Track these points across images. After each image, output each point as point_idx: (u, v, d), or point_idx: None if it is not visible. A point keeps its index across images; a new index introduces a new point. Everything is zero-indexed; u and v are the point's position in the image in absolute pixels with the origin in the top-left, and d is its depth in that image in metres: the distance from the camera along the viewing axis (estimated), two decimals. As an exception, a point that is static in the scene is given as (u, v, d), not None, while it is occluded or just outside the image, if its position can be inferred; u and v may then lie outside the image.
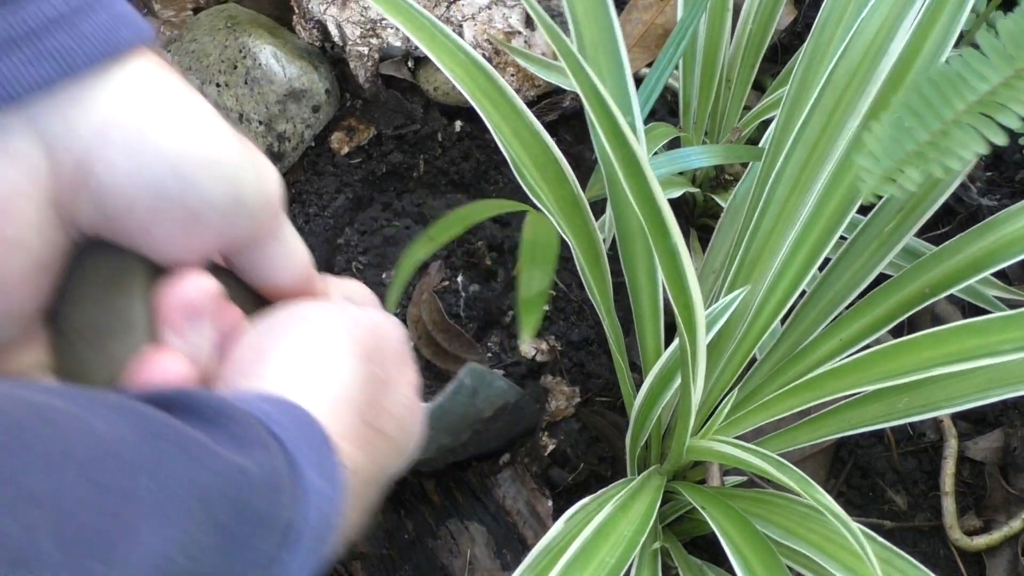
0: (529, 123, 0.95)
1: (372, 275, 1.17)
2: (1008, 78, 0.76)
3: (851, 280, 0.98)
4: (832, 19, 0.97)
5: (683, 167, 1.11)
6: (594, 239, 0.98)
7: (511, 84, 1.23)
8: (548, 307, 1.18)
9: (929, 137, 0.77)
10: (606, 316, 1.00)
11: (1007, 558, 1.14)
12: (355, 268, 1.17)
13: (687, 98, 1.24)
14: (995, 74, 0.76)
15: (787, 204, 0.95)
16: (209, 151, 0.48)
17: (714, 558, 1.06)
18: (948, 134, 0.76)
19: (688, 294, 0.80)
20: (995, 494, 1.17)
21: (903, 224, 0.97)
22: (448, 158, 1.25)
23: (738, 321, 0.97)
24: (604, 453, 1.13)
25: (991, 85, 0.76)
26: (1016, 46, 0.76)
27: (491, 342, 1.15)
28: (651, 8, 1.35)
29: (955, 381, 0.92)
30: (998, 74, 0.76)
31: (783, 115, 0.97)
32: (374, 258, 1.18)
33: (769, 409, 0.95)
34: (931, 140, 0.77)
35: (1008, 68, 0.76)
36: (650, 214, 0.79)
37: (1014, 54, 0.76)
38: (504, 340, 1.16)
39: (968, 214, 1.27)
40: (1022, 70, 0.76)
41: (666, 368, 0.93)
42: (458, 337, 1.11)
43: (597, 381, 1.16)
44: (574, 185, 0.96)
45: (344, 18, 1.21)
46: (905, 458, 1.20)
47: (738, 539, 0.85)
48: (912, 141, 0.77)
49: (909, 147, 0.77)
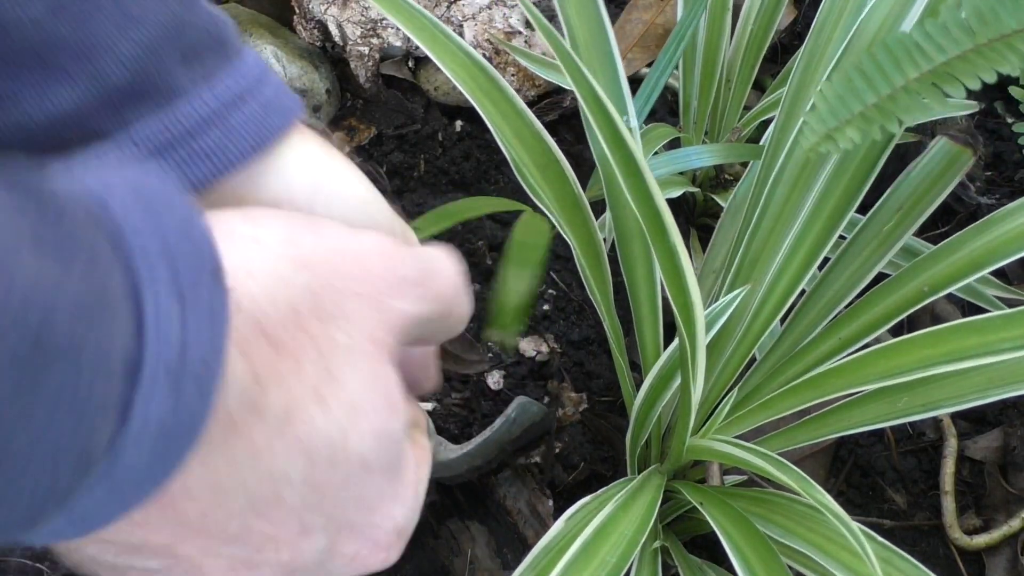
0: (529, 123, 0.95)
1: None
2: (966, 51, 0.76)
3: (850, 279, 0.98)
4: (830, 20, 0.97)
5: (683, 167, 1.11)
6: (595, 239, 0.98)
7: (511, 84, 1.23)
8: (549, 306, 1.18)
9: (876, 100, 0.77)
10: (606, 316, 1.00)
11: (1006, 557, 1.14)
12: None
13: (687, 98, 1.25)
14: (954, 47, 0.77)
15: (787, 204, 0.95)
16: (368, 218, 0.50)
17: (713, 557, 1.06)
18: (895, 99, 0.77)
19: (687, 294, 0.80)
20: (994, 493, 1.17)
21: (902, 223, 0.97)
22: (449, 158, 1.25)
23: (738, 320, 0.97)
24: (605, 453, 1.14)
25: (948, 57, 0.77)
26: (981, 23, 0.76)
27: (492, 342, 1.15)
28: (651, 8, 1.35)
29: (954, 380, 0.92)
30: (957, 47, 0.77)
31: (782, 115, 0.97)
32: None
33: (769, 408, 0.95)
34: (877, 103, 0.77)
35: (968, 42, 0.77)
36: (648, 213, 0.79)
37: (976, 29, 0.76)
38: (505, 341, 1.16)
39: (967, 213, 1.28)
40: (982, 45, 0.76)
41: (666, 368, 0.93)
42: (461, 337, 1.11)
43: (598, 381, 1.16)
44: (574, 185, 0.96)
45: (345, 18, 1.21)
46: (905, 457, 1.20)
47: (738, 538, 0.85)
48: (858, 102, 0.78)
49: (855, 108, 0.78)
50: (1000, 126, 1.34)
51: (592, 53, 0.99)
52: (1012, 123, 1.30)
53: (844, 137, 0.77)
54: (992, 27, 0.76)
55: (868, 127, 0.77)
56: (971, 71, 0.76)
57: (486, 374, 1.13)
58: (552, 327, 1.17)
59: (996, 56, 0.76)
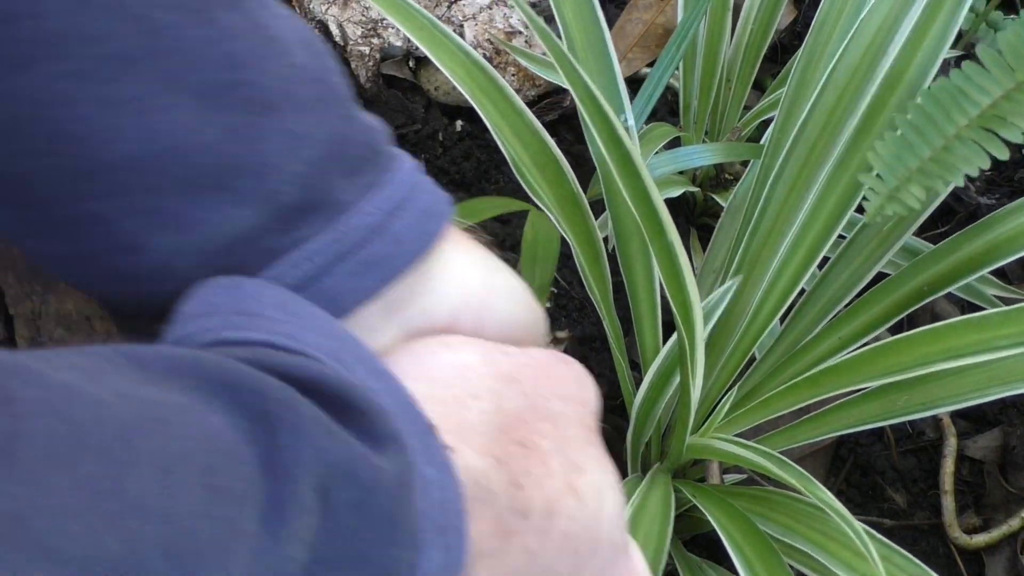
0: (529, 122, 0.95)
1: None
2: (1009, 91, 0.76)
3: (850, 279, 0.98)
4: (829, 19, 0.97)
5: (684, 166, 1.12)
6: (594, 238, 0.99)
7: (512, 84, 1.23)
8: (550, 304, 1.18)
9: (932, 153, 0.77)
10: (606, 315, 1.00)
11: (1006, 556, 1.14)
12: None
13: (687, 98, 1.25)
14: (996, 87, 0.76)
15: (786, 203, 0.95)
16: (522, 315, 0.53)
17: (713, 556, 1.06)
18: (951, 149, 0.77)
19: (685, 291, 0.80)
20: (994, 492, 1.17)
21: (902, 223, 0.97)
22: (449, 157, 1.25)
23: (738, 319, 0.97)
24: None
25: (992, 98, 0.76)
26: (1017, 58, 0.76)
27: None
28: (651, 8, 1.35)
29: (954, 379, 0.92)
30: (999, 87, 0.76)
31: (781, 115, 0.97)
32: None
33: (768, 407, 0.96)
34: (934, 156, 0.77)
35: (1009, 81, 0.76)
36: (646, 212, 0.79)
37: (1014, 66, 0.76)
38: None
39: (967, 213, 1.28)
40: (1023, 83, 0.76)
41: (664, 366, 0.93)
42: None
43: (600, 379, 1.16)
44: (574, 184, 0.97)
45: (345, 18, 1.21)
46: (905, 456, 1.20)
47: (739, 537, 0.85)
48: (915, 158, 0.77)
49: (912, 164, 0.77)
50: (1000, 126, 1.34)
51: (589, 54, 1.00)
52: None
53: (910, 196, 0.77)
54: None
55: (930, 182, 0.77)
56: (1018, 110, 0.76)
57: None
58: (554, 325, 1.17)
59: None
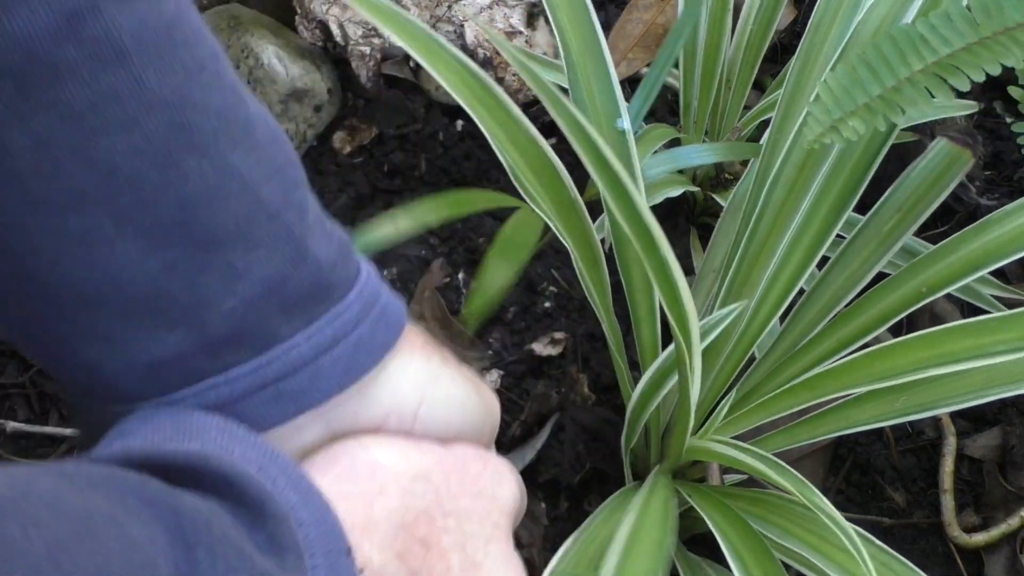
0: (525, 129, 0.94)
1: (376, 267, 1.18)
2: (971, 44, 0.77)
3: (850, 279, 0.98)
4: (825, 20, 0.98)
5: (683, 165, 1.12)
6: (592, 243, 0.98)
7: (512, 84, 1.23)
8: (550, 304, 1.18)
9: (880, 92, 0.78)
10: (605, 317, 1.00)
11: (1005, 555, 1.14)
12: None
13: (687, 98, 1.25)
14: (959, 39, 0.77)
15: (784, 204, 0.95)
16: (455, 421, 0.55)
17: (712, 554, 1.06)
18: (900, 91, 0.78)
19: (681, 305, 0.80)
20: (994, 492, 1.17)
21: (902, 224, 0.97)
22: (450, 157, 1.25)
23: (737, 320, 0.97)
24: (606, 450, 1.14)
25: (952, 49, 0.77)
26: (986, 15, 0.77)
27: (492, 339, 1.16)
28: (651, 8, 1.35)
29: (952, 380, 0.92)
30: (962, 39, 0.77)
31: (779, 116, 0.97)
32: (374, 255, 1.19)
33: (767, 408, 0.96)
34: (882, 95, 0.78)
35: (973, 35, 0.77)
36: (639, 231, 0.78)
37: (981, 22, 0.77)
38: (505, 337, 1.17)
39: (967, 213, 1.28)
40: (986, 38, 0.77)
41: (660, 370, 0.93)
42: (459, 334, 1.12)
43: (600, 380, 1.16)
44: (571, 189, 0.97)
45: (346, 18, 1.22)
46: (904, 456, 1.20)
47: (735, 539, 0.85)
48: (863, 94, 0.78)
49: (859, 100, 0.78)
50: (999, 126, 1.34)
51: (585, 58, 0.99)
52: (1011, 123, 1.30)
53: (848, 128, 0.77)
54: (996, 20, 0.77)
55: (872, 118, 0.77)
56: (976, 64, 0.76)
57: (485, 372, 1.14)
58: (554, 325, 1.17)
59: (1000, 49, 0.76)
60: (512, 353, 1.15)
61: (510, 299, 1.17)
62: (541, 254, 1.17)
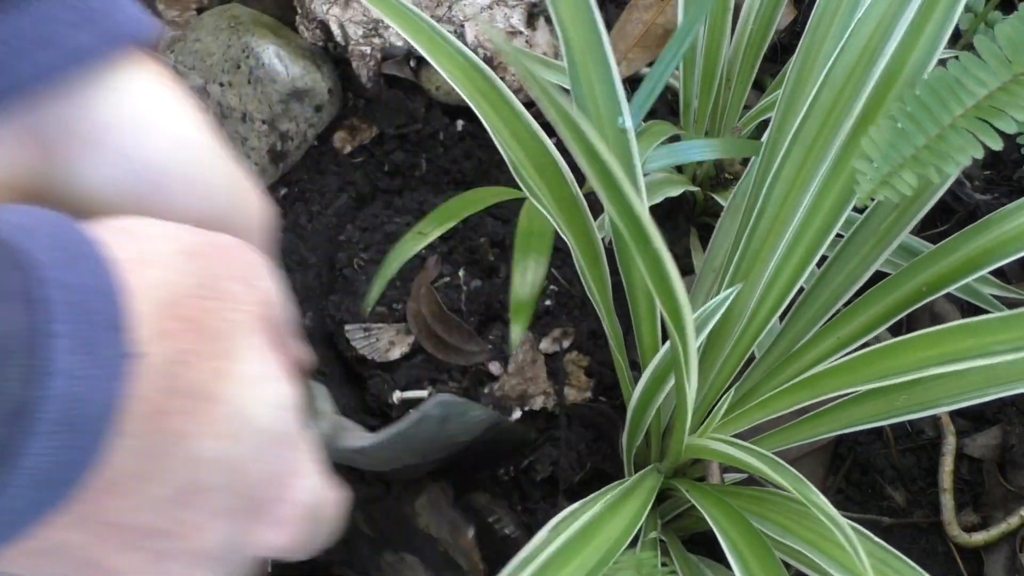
0: (527, 125, 0.95)
1: (374, 271, 1.18)
2: (1006, 83, 0.76)
3: (848, 277, 0.99)
4: (825, 19, 0.98)
5: (683, 160, 1.12)
6: (593, 239, 0.99)
7: (512, 83, 1.23)
8: (551, 302, 1.19)
9: (926, 142, 0.77)
10: (605, 315, 1.00)
11: (1005, 554, 1.14)
12: (356, 265, 1.18)
13: (687, 97, 1.25)
14: (993, 79, 0.77)
15: (784, 203, 0.95)
16: (195, 171, 0.50)
17: (712, 553, 1.07)
18: (945, 139, 0.77)
19: (675, 299, 0.80)
20: (993, 491, 1.18)
21: (899, 221, 0.97)
22: (450, 157, 1.26)
23: (736, 319, 0.98)
24: (607, 450, 1.14)
25: (989, 90, 0.77)
26: (1015, 51, 0.76)
27: (492, 336, 1.16)
28: (651, 8, 1.35)
29: (952, 380, 0.92)
30: (996, 79, 0.77)
31: (779, 115, 0.97)
32: (376, 255, 1.19)
33: (766, 407, 0.96)
34: (928, 145, 0.77)
35: (1006, 73, 0.77)
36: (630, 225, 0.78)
37: (1012, 59, 0.76)
38: (505, 334, 1.17)
39: (966, 212, 1.28)
40: (1020, 75, 0.76)
41: (660, 369, 0.93)
42: (457, 328, 1.12)
43: (603, 376, 1.17)
44: (572, 186, 0.97)
45: (347, 18, 1.22)
46: (904, 455, 1.21)
47: (735, 537, 0.85)
48: (910, 146, 0.78)
49: (906, 152, 0.78)
50: (999, 125, 1.34)
51: (587, 56, 0.99)
52: (1011, 122, 1.30)
53: (902, 183, 0.77)
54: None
55: (923, 170, 0.77)
56: (1014, 102, 0.76)
57: (487, 364, 1.14)
58: (554, 322, 1.17)
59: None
60: (513, 348, 1.15)
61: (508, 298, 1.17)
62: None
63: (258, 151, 1.20)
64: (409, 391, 1.11)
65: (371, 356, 1.11)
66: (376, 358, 1.12)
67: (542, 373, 1.14)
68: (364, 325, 1.13)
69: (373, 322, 1.13)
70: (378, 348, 1.12)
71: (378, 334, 1.13)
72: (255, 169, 1.20)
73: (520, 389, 1.12)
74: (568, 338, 1.16)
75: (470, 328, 1.13)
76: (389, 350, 1.11)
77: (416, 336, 1.12)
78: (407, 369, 1.13)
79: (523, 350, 1.13)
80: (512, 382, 1.12)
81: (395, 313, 1.14)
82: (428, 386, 1.12)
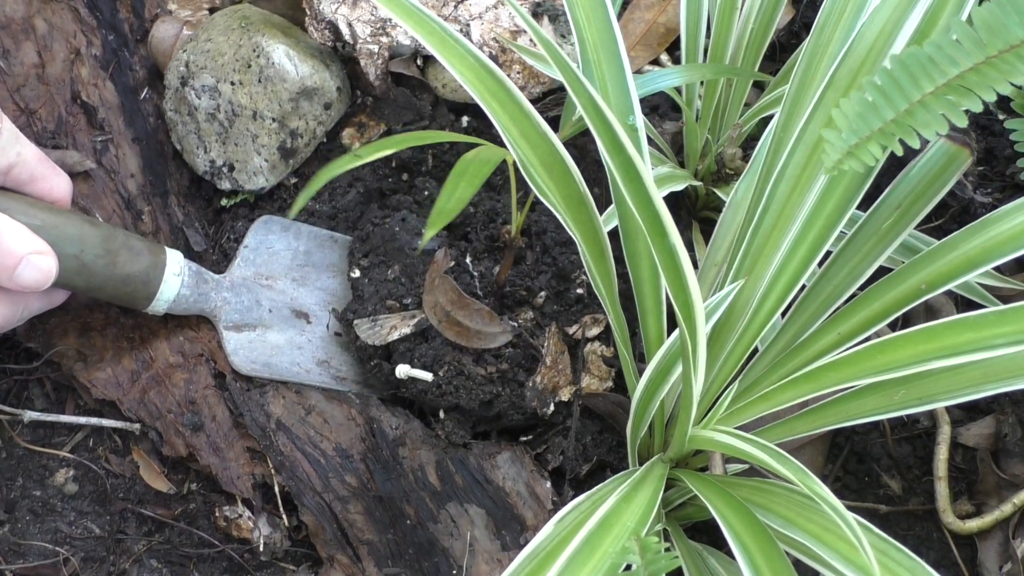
0: (536, 124, 0.96)
1: (376, 272, 1.19)
2: (978, 64, 0.77)
3: (850, 275, 1.00)
4: (831, 20, 0.98)
5: (652, 89, 1.14)
6: (600, 236, 1.00)
7: (517, 81, 1.25)
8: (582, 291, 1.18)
9: (894, 116, 0.78)
10: (611, 309, 1.02)
11: (998, 541, 1.16)
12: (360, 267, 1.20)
13: (690, 94, 1.26)
14: (966, 59, 0.77)
15: (788, 202, 0.96)
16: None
17: (714, 541, 1.08)
18: (913, 114, 0.77)
19: (688, 293, 0.81)
20: (987, 479, 1.19)
21: (901, 220, 0.98)
22: (456, 152, 1.27)
23: (740, 314, 0.99)
24: (613, 441, 1.16)
25: (960, 70, 0.77)
26: (990, 34, 0.77)
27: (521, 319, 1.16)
28: (653, 7, 1.37)
29: (951, 375, 0.93)
30: (969, 59, 0.77)
31: (783, 114, 0.98)
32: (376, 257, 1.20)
33: (769, 400, 0.97)
34: (896, 119, 0.77)
35: (979, 54, 0.76)
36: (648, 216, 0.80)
37: (986, 41, 0.77)
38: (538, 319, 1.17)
39: (960, 208, 1.29)
40: (992, 57, 0.77)
41: (665, 360, 0.94)
42: (478, 311, 1.12)
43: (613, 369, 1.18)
44: (580, 184, 0.98)
45: (355, 17, 1.23)
46: (900, 444, 1.22)
47: (738, 527, 0.86)
48: (878, 119, 0.77)
49: (874, 124, 0.77)
50: (992, 122, 1.35)
51: (601, 53, 1.00)
52: (1004, 119, 1.31)
53: (866, 153, 0.77)
54: (1001, 38, 0.77)
55: (888, 142, 0.77)
56: (984, 83, 0.76)
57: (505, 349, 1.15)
58: (584, 311, 1.17)
59: (1007, 67, 0.76)
60: (539, 334, 1.16)
61: (540, 285, 1.18)
62: (569, 242, 1.17)
63: (268, 148, 1.21)
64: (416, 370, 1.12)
65: (372, 342, 1.13)
66: (376, 342, 1.13)
67: (568, 363, 1.15)
68: (373, 318, 1.15)
69: (380, 314, 1.15)
70: (380, 334, 1.13)
71: (383, 323, 1.14)
72: (266, 165, 1.22)
73: (555, 382, 1.14)
74: (598, 325, 1.16)
75: (491, 309, 1.13)
76: (389, 333, 1.12)
77: (437, 327, 1.12)
78: (427, 350, 1.14)
79: (551, 340, 1.14)
80: (550, 375, 1.13)
81: (405, 308, 1.15)
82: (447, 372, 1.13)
